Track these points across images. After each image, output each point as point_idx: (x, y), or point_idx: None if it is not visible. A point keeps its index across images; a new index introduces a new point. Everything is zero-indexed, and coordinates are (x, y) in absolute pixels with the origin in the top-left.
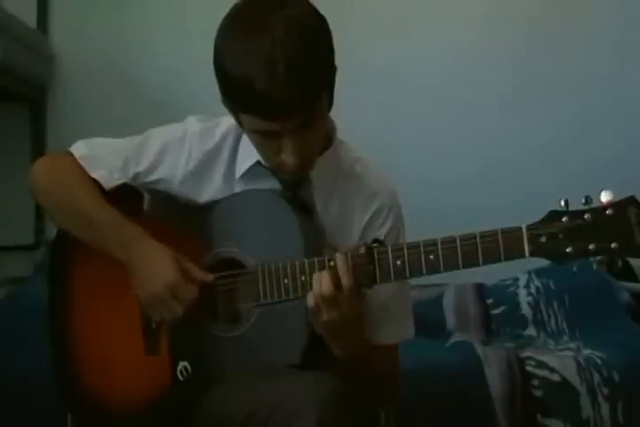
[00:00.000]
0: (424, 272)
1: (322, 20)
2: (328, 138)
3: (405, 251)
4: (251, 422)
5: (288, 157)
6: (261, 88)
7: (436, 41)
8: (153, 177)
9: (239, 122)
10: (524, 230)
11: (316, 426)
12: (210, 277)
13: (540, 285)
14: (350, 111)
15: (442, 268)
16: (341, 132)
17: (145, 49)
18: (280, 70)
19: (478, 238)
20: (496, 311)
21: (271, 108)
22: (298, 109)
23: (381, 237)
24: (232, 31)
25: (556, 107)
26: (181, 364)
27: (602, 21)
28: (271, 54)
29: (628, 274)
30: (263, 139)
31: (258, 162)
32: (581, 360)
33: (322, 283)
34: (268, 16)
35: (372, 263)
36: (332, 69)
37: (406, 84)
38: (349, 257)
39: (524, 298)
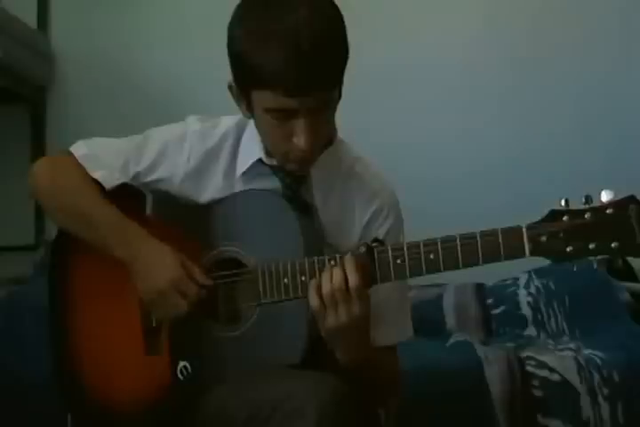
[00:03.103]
0: (424, 272)
1: (338, 8)
2: (329, 137)
3: (405, 250)
4: (251, 422)
5: (299, 140)
6: (285, 61)
7: (435, 41)
8: (153, 176)
9: (249, 106)
10: (524, 230)
11: (316, 426)
12: (209, 280)
13: (539, 285)
14: (350, 111)
15: (442, 267)
16: (342, 132)
17: (145, 49)
18: (305, 45)
19: (478, 238)
20: (496, 311)
21: (293, 81)
22: (318, 86)
23: (381, 237)
24: (253, 10)
25: (556, 107)
26: (182, 364)
27: (602, 21)
28: (296, 30)
29: (628, 274)
30: (276, 120)
31: (259, 160)
32: (581, 360)
33: (333, 281)
34: None
35: (372, 263)
36: (347, 53)
37: (406, 84)
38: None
39: (524, 298)
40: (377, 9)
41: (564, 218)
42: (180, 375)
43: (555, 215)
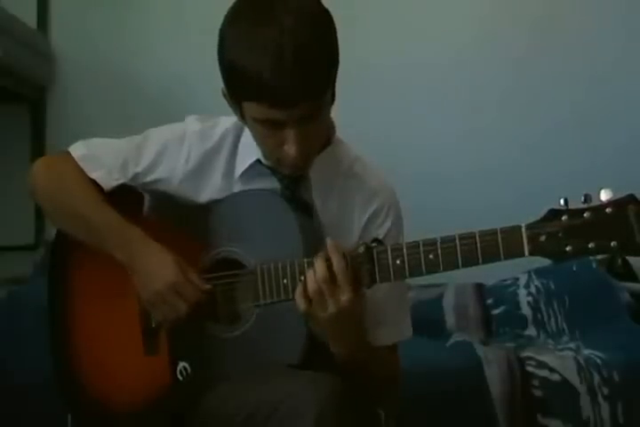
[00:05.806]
0: (424, 272)
1: (327, 12)
2: (327, 137)
3: (405, 250)
4: (250, 422)
5: (290, 149)
6: (269, 74)
7: (435, 41)
8: (152, 177)
9: (241, 113)
10: (523, 229)
11: (315, 426)
12: (207, 286)
13: (539, 285)
14: (350, 111)
15: (441, 267)
16: (341, 132)
17: (145, 49)
18: (288, 57)
19: (478, 238)
20: (496, 311)
21: (278, 94)
22: (304, 97)
23: (380, 237)
24: (240, 18)
25: (555, 106)
26: (181, 364)
27: (601, 21)
28: (280, 41)
29: (628, 274)
30: (266, 129)
31: (257, 161)
32: (581, 360)
33: (317, 273)
34: (277, 4)
35: (371, 263)
36: (336, 61)
37: (406, 84)
38: (349, 257)
39: (524, 298)
40: (377, 9)
41: (564, 217)
42: (179, 376)
43: (554, 215)
